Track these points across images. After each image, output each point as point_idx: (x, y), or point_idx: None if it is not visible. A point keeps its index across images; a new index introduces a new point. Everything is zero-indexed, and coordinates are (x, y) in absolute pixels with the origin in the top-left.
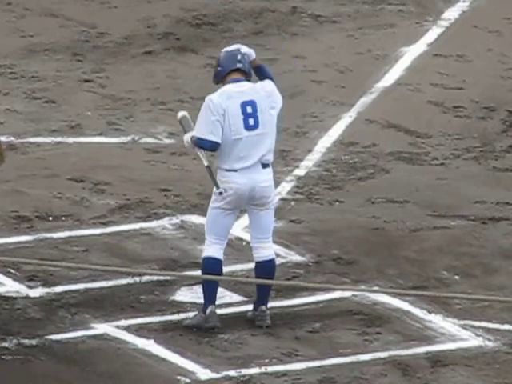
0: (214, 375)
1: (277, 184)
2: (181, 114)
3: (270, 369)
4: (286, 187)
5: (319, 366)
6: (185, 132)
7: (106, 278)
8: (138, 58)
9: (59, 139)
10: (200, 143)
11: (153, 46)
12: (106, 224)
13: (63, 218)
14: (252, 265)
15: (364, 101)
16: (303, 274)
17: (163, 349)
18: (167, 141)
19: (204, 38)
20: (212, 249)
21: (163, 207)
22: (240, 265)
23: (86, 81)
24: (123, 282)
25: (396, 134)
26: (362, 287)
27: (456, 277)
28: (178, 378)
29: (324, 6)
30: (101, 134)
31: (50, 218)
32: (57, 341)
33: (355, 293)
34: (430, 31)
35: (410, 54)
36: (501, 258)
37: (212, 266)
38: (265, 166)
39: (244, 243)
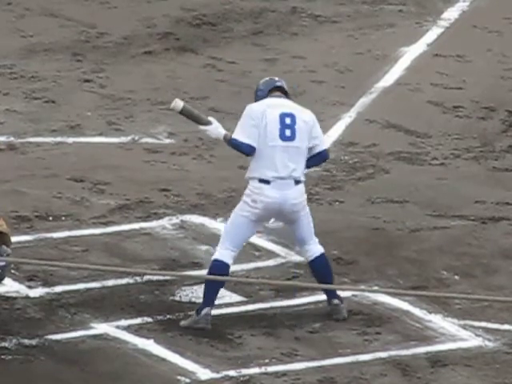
0: (214, 375)
1: None
2: (177, 104)
3: (270, 369)
4: None
5: (319, 366)
6: (195, 120)
7: (105, 277)
8: (137, 58)
9: (59, 139)
10: (236, 145)
11: (153, 46)
12: (105, 224)
13: (63, 218)
14: (252, 265)
15: (364, 101)
16: (303, 274)
17: (163, 349)
18: (167, 141)
19: (204, 38)
20: (223, 253)
21: (163, 207)
22: (240, 265)
23: (86, 81)
24: (123, 282)
25: (396, 133)
26: (362, 287)
27: (456, 277)
28: (178, 378)
29: (324, 6)
30: (101, 134)
31: (50, 218)
32: (57, 341)
33: (355, 293)
34: (429, 31)
35: (410, 54)
36: (501, 258)
37: (219, 268)
38: (297, 182)
39: (244, 243)
